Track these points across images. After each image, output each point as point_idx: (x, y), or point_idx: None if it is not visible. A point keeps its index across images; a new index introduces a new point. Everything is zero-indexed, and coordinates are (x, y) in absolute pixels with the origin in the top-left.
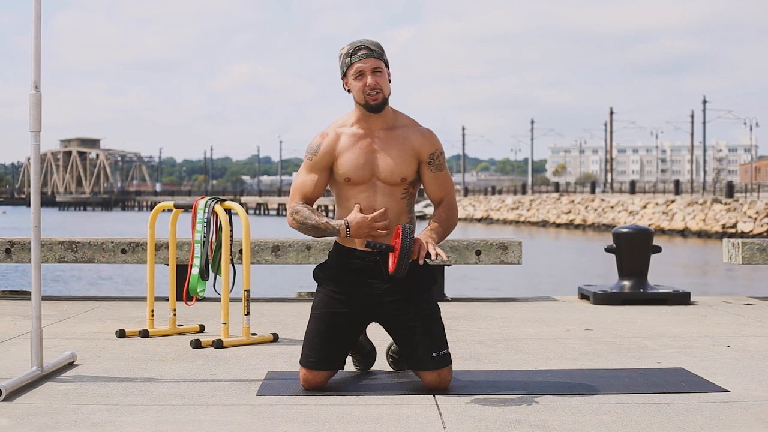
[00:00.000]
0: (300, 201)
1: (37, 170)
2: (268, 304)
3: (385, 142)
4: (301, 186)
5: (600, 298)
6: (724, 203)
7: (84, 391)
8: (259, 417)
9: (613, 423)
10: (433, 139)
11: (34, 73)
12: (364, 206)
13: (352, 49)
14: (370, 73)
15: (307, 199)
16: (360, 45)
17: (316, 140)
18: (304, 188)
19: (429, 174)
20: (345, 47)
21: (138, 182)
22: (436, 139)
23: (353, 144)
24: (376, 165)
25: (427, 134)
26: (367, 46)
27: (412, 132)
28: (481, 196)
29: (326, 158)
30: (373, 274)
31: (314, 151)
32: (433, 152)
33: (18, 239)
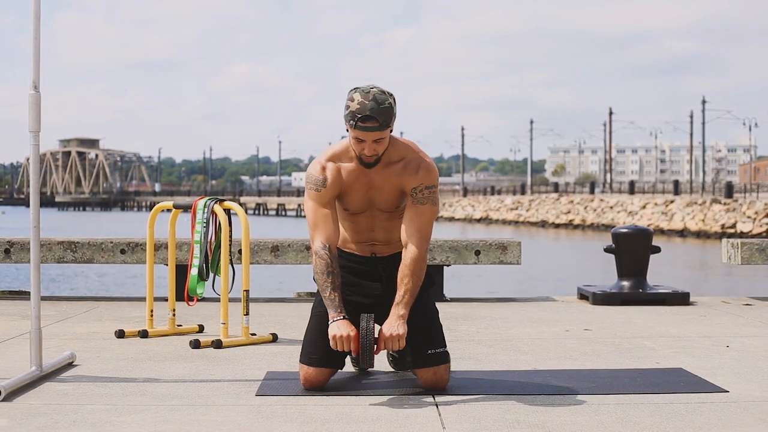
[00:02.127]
0: (323, 240)
1: (36, 170)
2: (268, 304)
3: (382, 178)
4: (321, 223)
5: (599, 299)
6: (723, 203)
7: (83, 391)
8: (259, 417)
9: (612, 423)
10: (420, 174)
11: (33, 73)
12: (363, 226)
13: (361, 114)
14: (371, 142)
15: (329, 237)
16: (369, 115)
17: (318, 172)
18: (326, 226)
19: (409, 203)
20: (355, 99)
21: (137, 182)
22: (424, 174)
23: (353, 181)
24: (374, 199)
25: (419, 170)
26: (376, 118)
27: (406, 167)
28: (481, 197)
29: (332, 192)
30: (372, 277)
31: (320, 183)
32: (417, 186)
33: (17, 239)
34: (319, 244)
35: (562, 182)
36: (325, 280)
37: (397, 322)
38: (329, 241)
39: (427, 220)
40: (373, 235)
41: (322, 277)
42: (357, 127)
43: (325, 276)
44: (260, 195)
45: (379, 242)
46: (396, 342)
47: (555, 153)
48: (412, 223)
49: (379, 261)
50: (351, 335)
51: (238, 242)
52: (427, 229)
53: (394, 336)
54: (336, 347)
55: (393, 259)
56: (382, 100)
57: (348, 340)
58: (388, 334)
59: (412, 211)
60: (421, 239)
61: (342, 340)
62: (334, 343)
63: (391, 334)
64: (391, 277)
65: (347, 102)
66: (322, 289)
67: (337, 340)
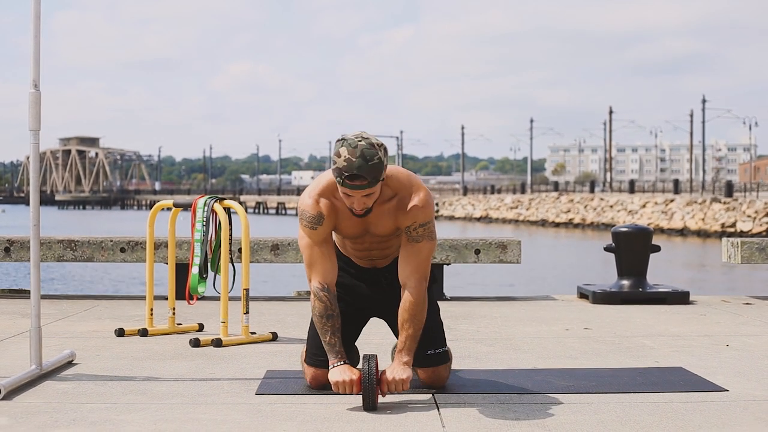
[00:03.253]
0: (321, 281)
1: (36, 169)
2: (268, 303)
3: (375, 217)
4: (318, 262)
5: (599, 298)
6: (723, 202)
7: (83, 389)
8: (258, 416)
9: (612, 422)
10: (412, 212)
11: (33, 71)
12: (360, 247)
13: (348, 173)
14: (360, 197)
15: (327, 276)
16: (356, 173)
17: (312, 209)
18: (323, 265)
19: (404, 240)
20: (341, 155)
21: (137, 181)
22: (417, 212)
23: (347, 217)
24: (369, 230)
25: (412, 207)
26: (364, 176)
27: (399, 204)
28: (480, 195)
29: (327, 228)
30: (372, 282)
31: (314, 221)
32: (410, 225)
33: (17, 238)
34: (317, 285)
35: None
36: (324, 324)
37: (400, 367)
38: (327, 280)
39: (425, 258)
40: (371, 253)
41: (321, 321)
42: (344, 184)
43: (324, 319)
44: (260, 194)
45: (377, 258)
46: (399, 386)
47: (555, 152)
48: (409, 263)
49: (379, 271)
50: (353, 380)
51: (238, 241)
52: (425, 267)
53: (398, 380)
54: (338, 392)
55: (393, 264)
56: (370, 155)
57: (351, 384)
58: (390, 377)
59: (408, 250)
60: (420, 279)
61: (345, 385)
62: (336, 388)
63: (394, 378)
64: (392, 282)
65: (334, 156)
66: (321, 333)
67: (340, 386)
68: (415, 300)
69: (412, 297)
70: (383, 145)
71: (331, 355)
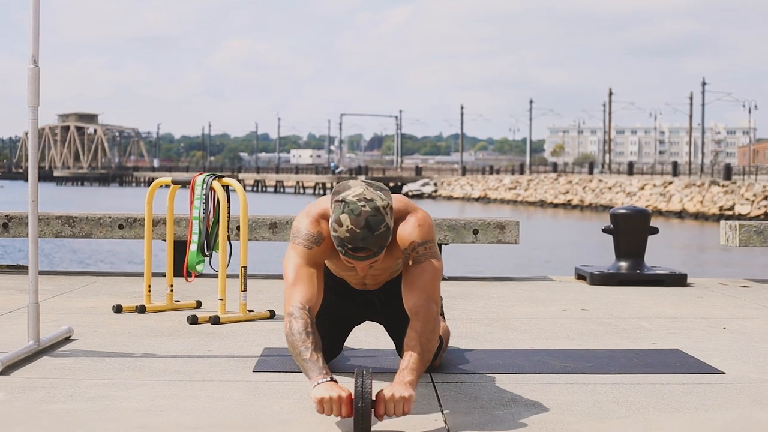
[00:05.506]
0: (302, 301)
1: (34, 145)
2: (265, 280)
3: None
4: (303, 282)
5: (596, 279)
6: (721, 185)
7: (80, 365)
8: (256, 393)
9: (608, 403)
10: (408, 232)
11: (32, 47)
12: (351, 276)
13: (352, 245)
14: (364, 264)
15: (311, 299)
16: (361, 246)
17: (312, 227)
18: (308, 287)
19: (405, 266)
20: (343, 224)
21: (136, 158)
22: (413, 231)
23: None
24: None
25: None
26: (369, 248)
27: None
28: (479, 176)
29: (323, 253)
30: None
31: (312, 240)
32: (407, 247)
33: (15, 213)
34: (296, 304)
35: (561, 162)
36: (304, 340)
37: (401, 386)
38: (310, 303)
39: (430, 278)
40: (364, 280)
41: (299, 338)
42: (347, 254)
43: (303, 336)
44: (258, 172)
45: (370, 284)
46: (400, 405)
47: (554, 133)
48: (414, 286)
49: (373, 292)
50: (342, 397)
51: (236, 219)
52: (431, 288)
53: (398, 398)
54: (323, 412)
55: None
56: (376, 224)
57: (339, 403)
58: (389, 395)
59: (411, 273)
60: (428, 300)
61: (332, 403)
62: (321, 407)
63: (393, 395)
64: (387, 301)
65: (333, 224)
66: (299, 351)
67: (325, 403)
68: (423, 323)
69: (420, 320)
70: (389, 204)
71: (313, 372)
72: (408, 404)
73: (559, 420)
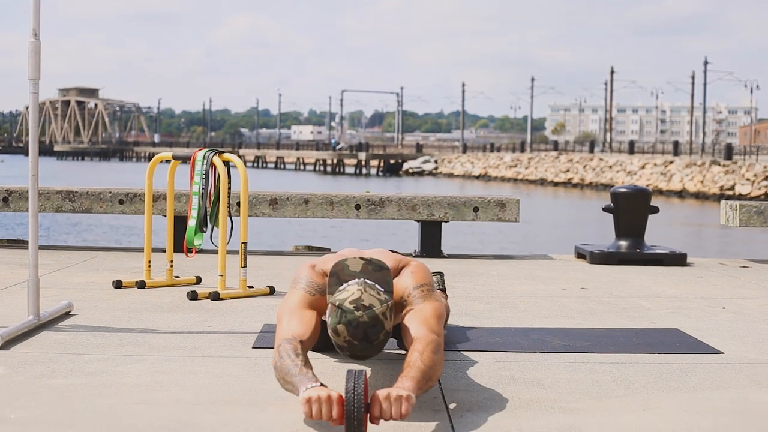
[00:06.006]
0: (296, 335)
1: (35, 119)
2: (265, 257)
3: None
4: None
5: (596, 258)
6: (722, 165)
7: (80, 340)
8: (255, 369)
9: (607, 382)
10: (403, 281)
11: (33, 20)
12: None
13: (350, 353)
14: None
15: (304, 336)
16: (359, 355)
17: (315, 278)
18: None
19: (403, 313)
20: (340, 333)
21: (136, 133)
22: (408, 279)
23: None
24: None
25: (401, 279)
26: (368, 356)
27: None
28: (480, 154)
29: (322, 307)
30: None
31: (317, 289)
32: (403, 293)
33: (15, 188)
34: (289, 336)
35: (562, 141)
36: (293, 360)
37: (398, 388)
38: (302, 337)
39: (431, 314)
40: None
41: (289, 359)
42: (345, 354)
43: (293, 356)
44: (259, 148)
45: None
46: (398, 405)
47: (555, 111)
48: (411, 324)
49: None
50: (332, 396)
51: (236, 194)
52: (433, 321)
53: (395, 397)
54: (311, 415)
55: None
56: (375, 334)
57: (329, 403)
58: (385, 394)
59: (410, 315)
60: (429, 330)
61: (320, 403)
62: (309, 408)
63: (390, 394)
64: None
65: (330, 332)
66: (288, 370)
67: (313, 403)
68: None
69: (421, 342)
70: (389, 304)
71: (302, 382)
72: (407, 404)
73: (558, 398)
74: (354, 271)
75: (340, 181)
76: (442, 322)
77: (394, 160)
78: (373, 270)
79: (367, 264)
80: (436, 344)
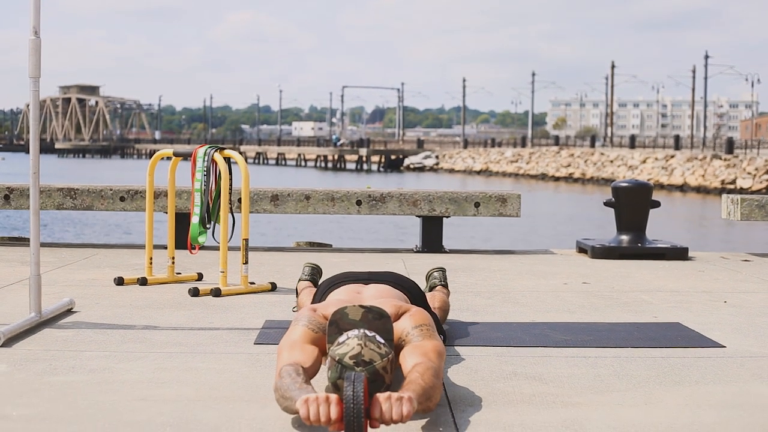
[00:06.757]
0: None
1: (36, 117)
2: (267, 253)
3: None
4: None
5: (598, 252)
6: (723, 159)
7: (82, 337)
8: (257, 365)
9: (608, 376)
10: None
11: (33, 18)
12: None
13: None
14: None
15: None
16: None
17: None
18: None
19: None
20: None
21: (137, 130)
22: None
23: None
24: None
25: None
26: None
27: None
28: (481, 149)
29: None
30: None
31: (319, 328)
32: (402, 333)
33: (17, 185)
34: (291, 363)
35: (563, 135)
36: (294, 378)
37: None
38: (304, 365)
39: (431, 349)
40: None
41: (290, 377)
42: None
43: (294, 375)
44: (260, 144)
45: None
46: (399, 406)
47: (556, 106)
48: (413, 354)
49: None
50: (331, 397)
51: (237, 191)
52: (433, 356)
53: (396, 398)
54: (308, 417)
55: None
56: (374, 389)
57: (327, 403)
58: (386, 395)
59: (409, 347)
60: (427, 362)
61: (318, 402)
62: (306, 409)
63: (391, 395)
64: None
65: (330, 384)
66: (288, 386)
67: (311, 403)
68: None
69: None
70: (389, 357)
71: (302, 393)
72: (408, 405)
73: (560, 393)
74: (354, 320)
75: (341, 177)
76: (442, 359)
77: (395, 155)
78: (372, 318)
79: (367, 312)
80: (436, 370)
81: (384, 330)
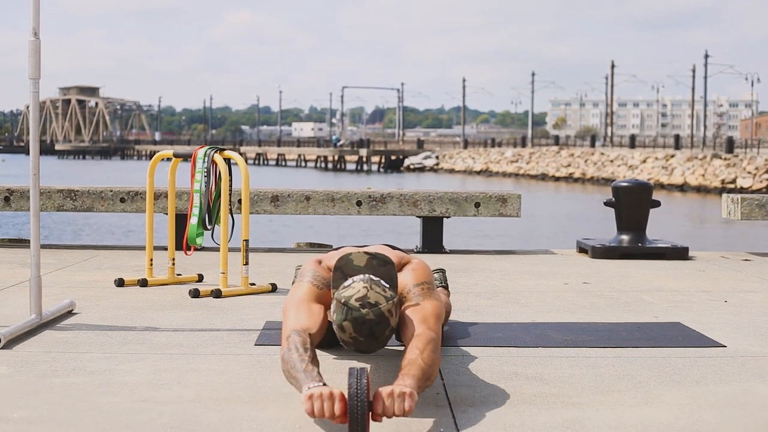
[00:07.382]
0: (304, 327)
1: (36, 118)
2: (267, 254)
3: None
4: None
5: (598, 252)
6: (723, 158)
7: (82, 339)
8: (257, 366)
9: (609, 376)
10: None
11: (33, 19)
12: None
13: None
14: None
15: (311, 329)
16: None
17: (322, 272)
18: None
19: (402, 309)
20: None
21: (137, 131)
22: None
23: None
24: None
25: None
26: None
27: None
28: (481, 149)
29: (328, 301)
30: None
31: (324, 283)
32: (403, 290)
33: (17, 187)
34: (297, 328)
35: (563, 135)
36: (301, 355)
37: (400, 386)
38: (311, 330)
39: (430, 312)
40: None
41: (297, 352)
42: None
43: (302, 350)
44: (260, 145)
45: None
46: (401, 402)
47: (556, 106)
48: (410, 321)
49: None
50: (335, 393)
51: (238, 192)
52: (432, 320)
53: (398, 393)
54: (313, 412)
55: None
56: (380, 332)
57: (331, 400)
58: (388, 391)
59: (410, 311)
60: (428, 329)
61: (322, 398)
62: (311, 405)
63: (393, 390)
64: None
65: (336, 328)
66: (294, 364)
67: (315, 399)
68: (424, 343)
69: (421, 340)
70: (394, 300)
71: (306, 381)
72: (410, 401)
73: (561, 393)
74: (358, 265)
75: (342, 177)
76: (440, 322)
77: (395, 156)
78: (377, 265)
79: (372, 259)
80: (435, 343)
81: (388, 277)
